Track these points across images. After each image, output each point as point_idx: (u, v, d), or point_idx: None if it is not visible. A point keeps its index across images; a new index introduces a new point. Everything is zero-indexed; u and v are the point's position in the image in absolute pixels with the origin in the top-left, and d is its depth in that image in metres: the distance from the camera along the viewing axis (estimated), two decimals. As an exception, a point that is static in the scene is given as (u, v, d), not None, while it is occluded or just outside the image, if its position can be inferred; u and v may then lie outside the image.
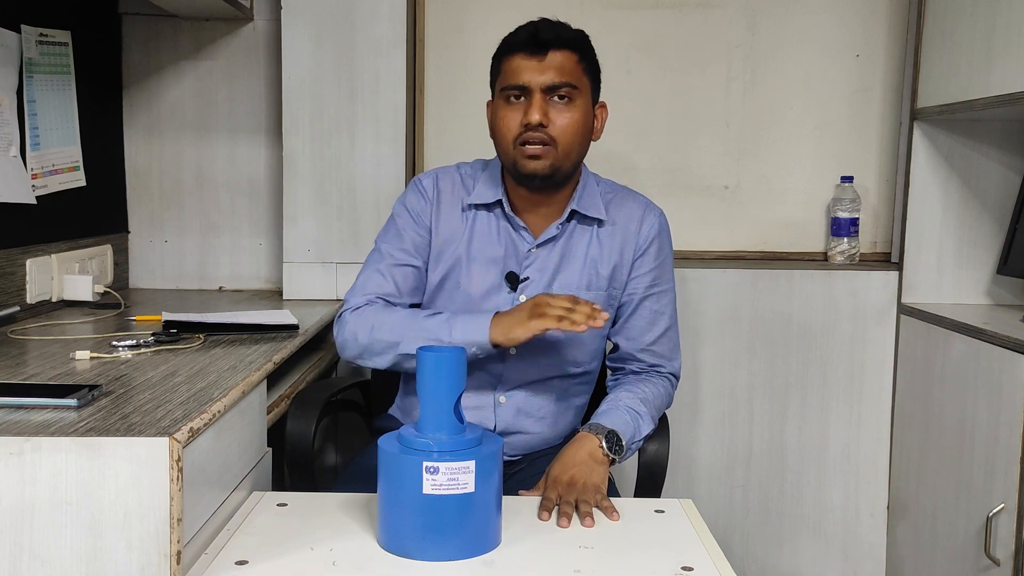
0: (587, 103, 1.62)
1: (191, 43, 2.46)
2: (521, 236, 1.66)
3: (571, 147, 1.59)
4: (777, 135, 2.55)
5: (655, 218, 1.71)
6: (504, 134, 1.59)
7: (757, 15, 2.52)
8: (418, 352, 1.21)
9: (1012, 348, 1.88)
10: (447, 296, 1.67)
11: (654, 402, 1.66)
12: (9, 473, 1.06)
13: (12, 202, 1.92)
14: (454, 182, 1.70)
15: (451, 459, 1.17)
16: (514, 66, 1.58)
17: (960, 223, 2.36)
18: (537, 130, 1.55)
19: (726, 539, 2.47)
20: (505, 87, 1.59)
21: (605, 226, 1.68)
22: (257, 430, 1.52)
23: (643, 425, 1.60)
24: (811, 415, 2.46)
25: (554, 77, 1.56)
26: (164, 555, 1.07)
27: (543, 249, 1.66)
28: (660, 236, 1.71)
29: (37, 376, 1.41)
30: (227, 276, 2.52)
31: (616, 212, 1.70)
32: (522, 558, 1.19)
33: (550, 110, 1.56)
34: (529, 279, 1.65)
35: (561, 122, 1.57)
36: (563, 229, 1.66)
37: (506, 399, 1.66)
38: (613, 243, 1.68)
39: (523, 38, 1.58)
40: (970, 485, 2.02)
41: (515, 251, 1.66)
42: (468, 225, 1.67)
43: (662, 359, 1.72)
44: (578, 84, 1.59)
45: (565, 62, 1.57)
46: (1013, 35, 1.93)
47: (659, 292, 1.71)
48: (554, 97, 1.57)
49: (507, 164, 1.62)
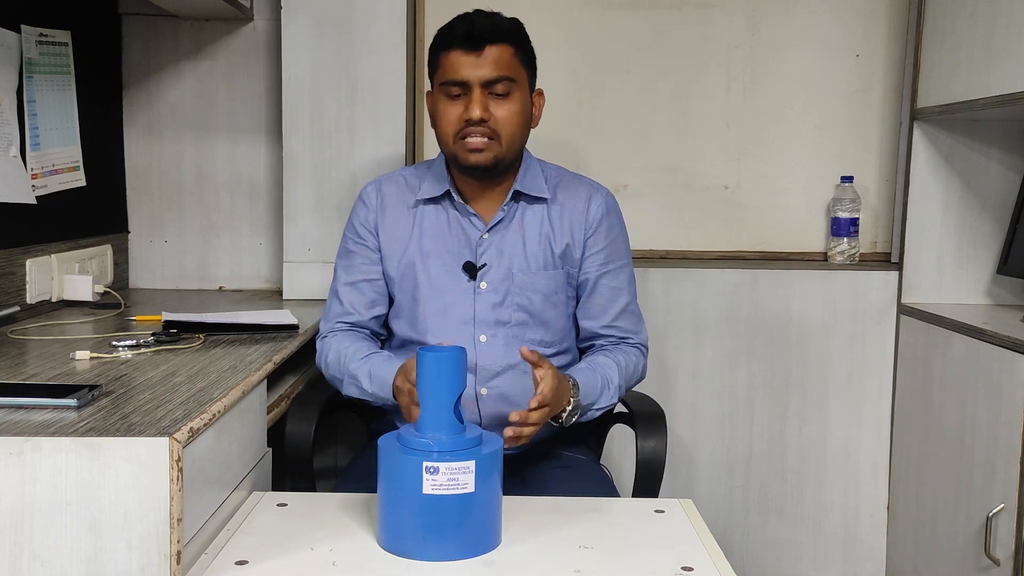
0: (525, 93, 1.66)
1: (191, 43, 2.46)
2: (472, 223, 1.70)
3: (513, 138, 1.64)
4: (777, 135, 2.55)
5: (602, 197, 1.75)
6: (445, 129, 1.64)
7: (757, 15, 2.52)
8: (418, 352, 1.22)
9: (1012, 348, 1.88)
10: (409, 296, 1.71)
11: (626, 372, 1.69)
12: (9, 473, 1.06)
13: (12, 202, 1.92)
14: (398, 185, 1.76)
15: (451, 459, 1.17)
16: (452, 61, 1.61)
17: (960, 223, 2.36)
18: (479, 125, 1.60)
19: (726, 539, 2.47)
20: (444, 82, 1.62)
21: (554, 206, 1.72)
22: (257, 430, 1.52)
23: (604, 397, 1.64)
24: (811, 415, 2.46)
25: (492, 72, 1.60)
26: (164, 555, 1.07)
27: (495, 234, 1.70)
28: (609, 215, 1.74)
29: (37, 376, 1.41)
30: (227, 276, 2.52)
31: (563, 193, 1.74)
32: (522, 558, 1.19)
33: (490, 104, 1.61)
34: (487, 265, 1.69)
35: (501, 115, 1.61)
36: (509, 210, 1.70)
37: (487, 390, 1.67)
38: (563, 223, 1.72)
39: (459, 33, 1.62)
40: (970, 485, 2.02)
41: (467, 240, 1.70)
42: (417, 223, 1.72)
43: (628, 333, 1.76)
44: (515, 76, 1.63)
45: (502, 55, 1.61)
46: (1013, 35, 1.93)
47: (614, 269, 1.74)
48: (493, 91, 1.61)
49: (449, 157, 1.68)
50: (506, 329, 1.68)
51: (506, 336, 1.67)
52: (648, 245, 2.56)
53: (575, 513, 1.35)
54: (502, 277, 1.68)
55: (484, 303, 1.67)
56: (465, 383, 1.21)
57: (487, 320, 1.67)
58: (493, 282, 1.68)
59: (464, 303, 1.68)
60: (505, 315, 1.68)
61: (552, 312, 1.71)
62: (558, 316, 1.72)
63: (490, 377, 1.67)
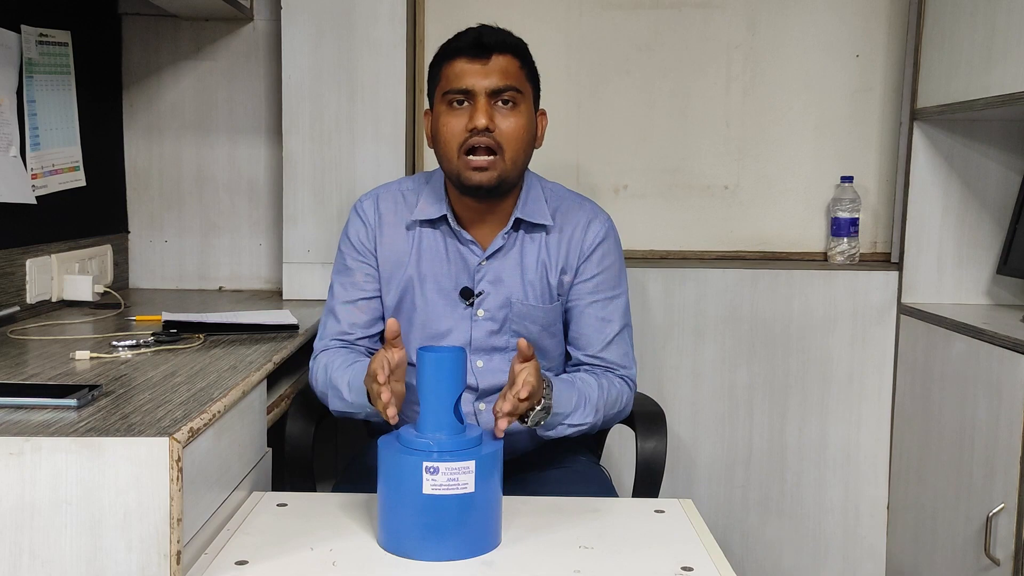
0: (530, 109, 1.59)
1: (191, 43, 2.46)
2: (470, 250, 1.63)
3: (517, 153, 1.56)
4: (777, 135, 2.55)
5: (600, 224, 1.67)
6: (448, 141, 1.55)
7: (757, 15, 2.52)
8: (418, 352, 1.22)
9: (1012, 348, 1.88)
10: (405, 318, 1.65)
11: (607, 397, 1.60)
12: (9, 473, 1.06)
13: (12, 202, 1.92)
14: (396, 201, 1.67)
15: (451, 459, 1.17)
16: (457, 70, 1.54)
17: (960, 223, 2.36)
18: (483, 134, 1.51)
19: (726, 539, 2.47)
20: (448, 91, 1.55)
21: (552, 233, 1.65)
22: (257, 430, 1.52)
23: (579, 414, 1.54)
24: (811, 415, 2.46)
25: (499, 81, 1.53)
26: (164, 555, 1.07)
27: (494, 260, 1.64)
28: (606, 242, 1.67)
29: (37, 376, 1.41)
30: (227, 276, 2.52)
31: (563, 219, 1.66)
32: (522, 558, 1.19)
33: (495, 114, 1.53)
34: (484, 292, 1.63)
35: (506, 126, 1.53)
36: (509, 238, 1.64)
37: (485, 406, 1.65)
38: (560, 250, 1.65)
39: (466, 43, 1.55)
40: (970, 485, 2.02)
41: (465, 265, 1.64)
42: (415, 244, 1.65)
43: (614, 365, 1.66)
44: (522, 88, 1.56)
45: (509, 66, 1.55)
46: (1013, 35, 1.93)
47: (604, 299, 1.66)
48: (498, 102, 1.54)
49: (451, 175, 1.58)
50: (503, 354, 1.64)
51: (503, 359, 1.64)
52: (648, 245, 2.56)
53: (575, 513, 1.35)
54: (499, 305, 1.63)
55: (481, 330, 1.63)
56: (465, 383, 1.21)
57: (484, 346, 1.64)
58: (491, 310, 1.63)
59: (461, 328, 1.64)
60: (502, 342, 1.64)
61: (550, 341, 1.67)
62: (556, 344, 1.69)
63: (490, 395, 1.65)
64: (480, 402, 1.65)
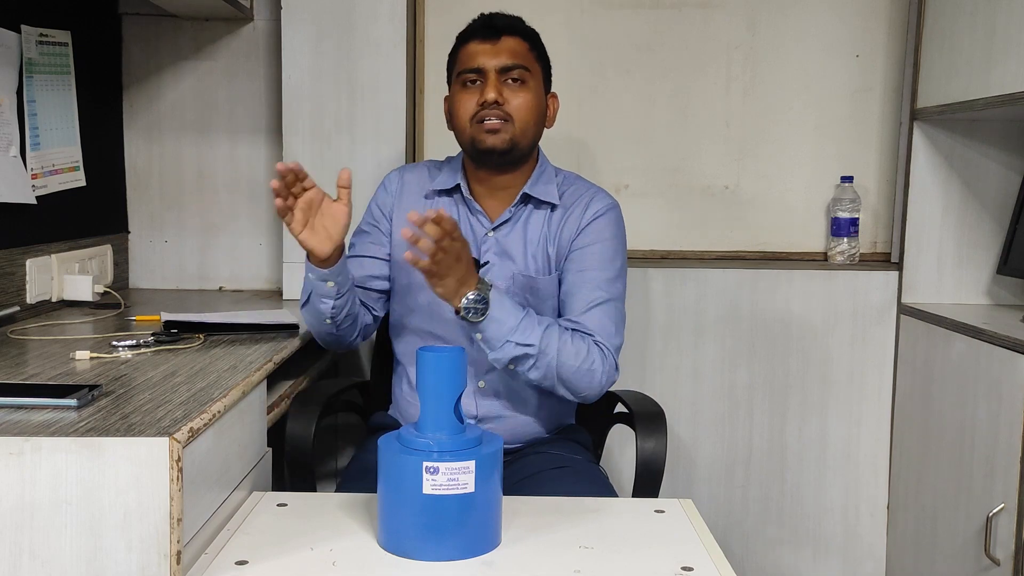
0: (539, 87, 1.71)
1: (191, 43, 2.46)
2: (479, 220, 1.74)
3: (527, 125, 1.67)
4: (777, 135, 2.55)
5: (602, 201, 1.74)
6: (462, 116, 1.68)
7: (757, 15, 2.52)
8: (418, 352, 1.21)
9: (1012, 348, 1.88)
10: (412, 282, 1.71)
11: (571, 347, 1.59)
12: (9, 473, 1.06)
13: (12, 202, 1.92)
14: (421, 173, 1.81)
15: (451, 459, 1.17)
16: (470, 52, 1.68)
17: (960, 223, 2.36)
18: (493, 107, 1.64)
19: (726, 539, 2.47)
20: (461, 72, 1.69)
21: (558, 210, 1.73)
22: (257, 430, 1.52)
23: (525, 332, 1.55)
24: (811, 415, 2.46)
25: (507, 59, 1.66)
26: (164, 555, 1.07)
27: (500, 232, 1.72)
28: (605, 216, 1.72)
29: (37, 376, 1.41)
30: (227, 276, 2.52)
31: (570, 198, 1.75)
32: (522, 558, 1.19)
33: (505, 90, 1.66)
34: (489, 263, 1.71)
35: (516, 101, 1.66)
36: (516, 212, 1.73)
37: (485, 383, 1.69)
38: (563, 223, 1.73)
39: (477, 26, 1.70)
40: (970, 485, 2.02)
41: (473, 236, 1.72)
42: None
43: (590, 331, 1.63)
44: (531, 67, 1.69)
45: (517, 47, 1.68)
46: (1013, 35, 1.93)
47: (595, 270, 1.68)
48: (508, 79, 1.67)
49: (466, 144, 1.70)
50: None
51: None
52: (648, 245, 2.56)
53: (575, 513, 1.35)
54: (503, 276, 1.70)
55: None
56: (465, 383, 1.21)
57: None
58: (495, 280, 1.68)
59: None
60: None
61: (552, 315, 1.71)
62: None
63: (488, 370, 1.69)
64: (480, 379, 1.69)
